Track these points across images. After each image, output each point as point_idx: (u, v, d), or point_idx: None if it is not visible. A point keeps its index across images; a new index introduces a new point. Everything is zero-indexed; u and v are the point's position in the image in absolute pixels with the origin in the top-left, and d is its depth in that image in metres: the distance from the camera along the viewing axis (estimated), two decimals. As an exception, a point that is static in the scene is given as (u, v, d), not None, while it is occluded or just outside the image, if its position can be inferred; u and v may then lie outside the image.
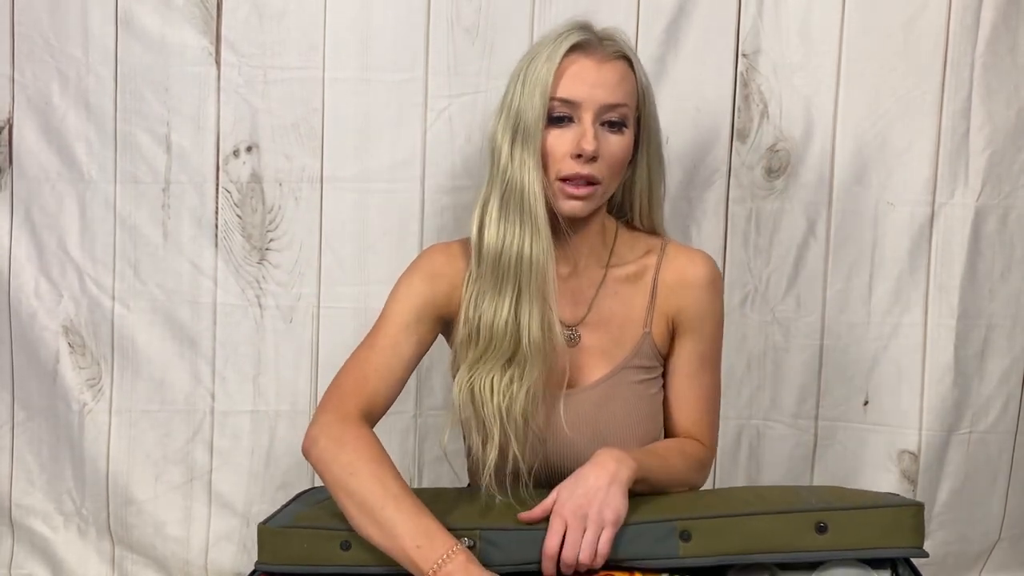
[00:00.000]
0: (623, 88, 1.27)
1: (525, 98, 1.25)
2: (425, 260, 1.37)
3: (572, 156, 1.25)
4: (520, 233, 1.25)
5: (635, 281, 1.36)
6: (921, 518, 1.18)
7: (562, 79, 1.25)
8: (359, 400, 1.28)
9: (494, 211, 1.27)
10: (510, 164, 1.26)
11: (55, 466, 1.82)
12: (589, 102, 1.25)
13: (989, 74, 1.72)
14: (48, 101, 1.74)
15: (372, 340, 1.33)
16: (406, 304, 1.33)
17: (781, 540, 1.15)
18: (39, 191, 1.76)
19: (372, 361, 1.31)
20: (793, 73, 1.74)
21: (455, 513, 1.22)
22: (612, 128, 1.27)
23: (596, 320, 1.35)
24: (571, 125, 1.26)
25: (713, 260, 1.37)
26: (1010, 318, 1.79)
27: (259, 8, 1.72)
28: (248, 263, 1.77)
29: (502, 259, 1.26)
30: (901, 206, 1.75)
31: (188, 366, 1.79)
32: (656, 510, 1.19)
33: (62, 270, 1.77)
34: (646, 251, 1.37)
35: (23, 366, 1.79)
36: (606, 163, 1.27)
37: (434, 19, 1.72)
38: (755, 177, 1.76)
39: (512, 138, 1.26)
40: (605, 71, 1.26)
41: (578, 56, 1.26)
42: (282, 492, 1.79)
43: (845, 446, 1.81)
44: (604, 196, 1.31)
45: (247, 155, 1.75)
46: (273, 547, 1.19)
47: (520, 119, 1.25)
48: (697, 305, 1.35)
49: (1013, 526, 1.84)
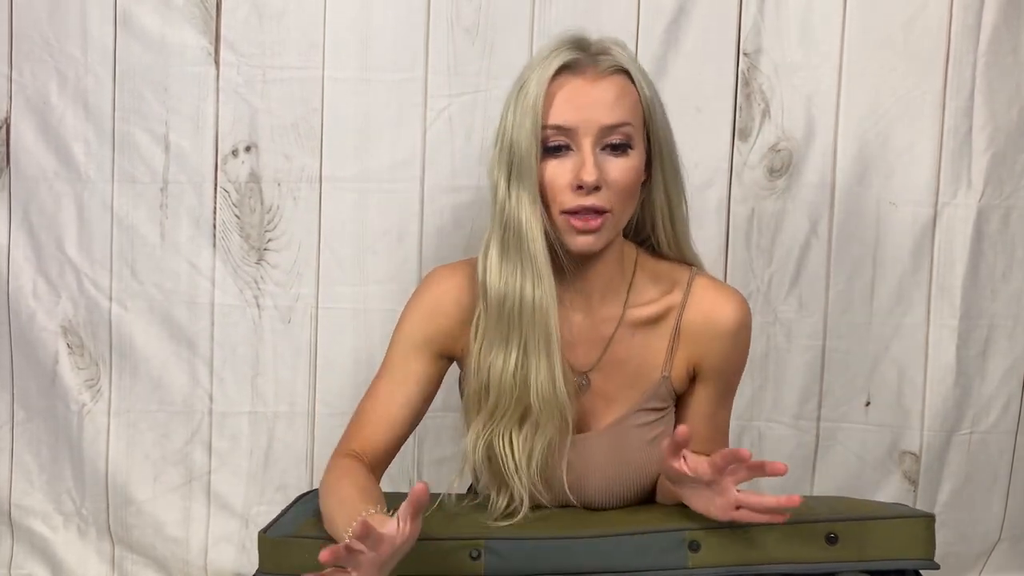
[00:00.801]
0: (623, 105, 1.17)
1: (517, 128, 1.16)
2: (427, 294, 1.30)
3: (573, 188, 1.15)
4: (520, 277, 1.17)
5: (656, 323, 1.26)
6: (932, 530, 1.18)
7: (553, 104, 1.15)
8: (359, 446, 1.28)
9: (494, 254, 1.19)
10: (507, 201, 1.17)
11: (54, 466, 1.81)
12: (585, 127, 1.15)
13: (991, 74, 1.72)
14: (46, 101, 1.73)
15: (375, 387, 1.30)
16: (407, 345, 1.28)
17: (791, 551, 1.15)
18: (37, 191, 1.75)
19: (374, 412, 1.28)
20: (794, 72, 1.73)
21: (458, 522, 1.21)
22: (616, 151, 1.17)
23: (610, 363, 1.26)
24: (569, 154, 1.16)
25: (744, 302, 1.27)
26: (1012, 318, 1.78)
27: (259, 8, 1.71)
28: (246, 263, 1.77)
29: (505, 306, 1.18)
30: (903, 206, 1.75)
31: (186, 367, 1.78)
32: (664, 520, 1.19)
33: (60, 270, 1.76)
34: (671, 286, 1.26)
35: (22, 367, 1.79)
36: (613, 191, 1.16)
37: (434, 19, 1.71)
38: (757, 177, 1.76)
39: (508, 173, 1.17)
40: (600, 90, 1.16)
41: (568, 77, 1.16)
42: (281, 493, 1.78)
43: (846, 447, 1.81)
44: (618, 226, 1.20)
45: (246, 155, 1.75)
46: (275, 557, 1.19)
47: (514, 152, 1.16)
48: (723, 354, 1.26)
49: (1013, 526, 1.84)
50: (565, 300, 1.24)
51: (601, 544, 1.16)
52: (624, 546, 1.15)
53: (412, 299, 1.31)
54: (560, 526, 1.21)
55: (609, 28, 1.67)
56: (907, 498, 1.78)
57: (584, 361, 1.26)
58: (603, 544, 1.16)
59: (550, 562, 1.16)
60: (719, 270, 1.75)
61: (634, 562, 1.15)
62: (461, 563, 1.16)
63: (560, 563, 1.16)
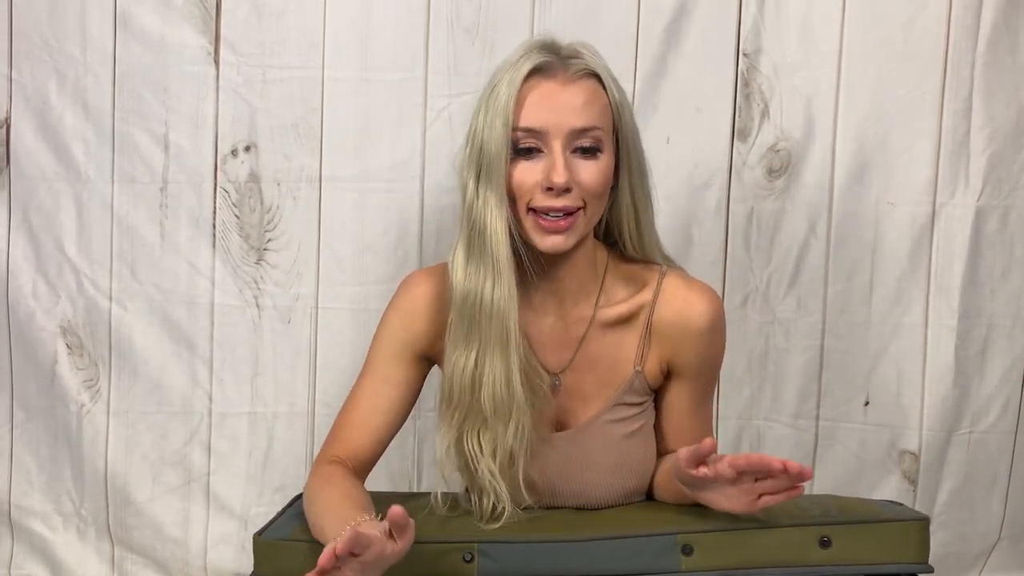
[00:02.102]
0: (593, 109, 1.17)
1: (487, 130, 1.16)
2: (403, 296, 1.30)
3: (543, 189, 1.16)
4: (482, 276, 1.17)
5: (628, 321, 1.26)
6: (927, 533, 1.17)
7: (524, 107, 1.16)
8: (341, 451, 1.28)
9: (461, 254, 1.20)
10: (475, 201, 1.17)
11: (54, 467, 1.81)
12: (556, 129, 1.15)
13: (990, 74, 1.72)
14: (46, 100, 1.73)
15: (356, 392, 1.30)
16: (385, 351, 1.29)
17: (785, 554, 1.15)
18: (36, 191, 1.75)
19: (357, 417, 1.29)
20: (794, 73, 1.74)
21: (451, 525, 1.21)
22: (586, 154, 1.17)
23: (583, 362, 1.27)
24: (540, 156, 1.17)
25: (715, 295, 1.28)
26: (1010, 318, 1.78)
27: (258, 7, 1.71)
28: (246, 263, 1.77)
29: (467, 305, 1.19)
30: (902, 206, 1.75)
31: (185, 367, 1.78)
32: (657, 523, 1.18)
33: (59, 270, 1.76)
34: (641, 286, 1.27)
35: (21, 367, 1.78)
36: (584, 192, 1.17)
37: (434, 19, 1.71)
38: (756, 177, 1.76)
39: (477, 173, 1.17)
40: (570, 93, 1.16)
41: (539, 80, 1.16)
42: (280, 494, 1.78)
43: (846, 446, 1.81)
44: (588, 226, 1.21)
45: (245, 155, 1.74)
46: (270, 560, 1.18)
47: (483, 153, 1.16)
48: (696, 351, 1.26)
49: (1013, 526, 1.84)
50: (535, 302, 1.25)
51: (594, 547, 1.16)
52: (617, 549, 1.15)
53: (390, 304, 1.32)
54: (553, 529, 1.20)
55: (609, 28, 1.70)
56: (906, 498, 1.78)
57: (556, 362, 1.27)
58: (596, 547, 1.16)
59: (544, 565, 1.16)
60: (719, 270, 1.75)
61: (627, 565, 1.15)
62: (454, 566, 1.16)
63: (553, 566, 1.16)
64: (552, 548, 1.17)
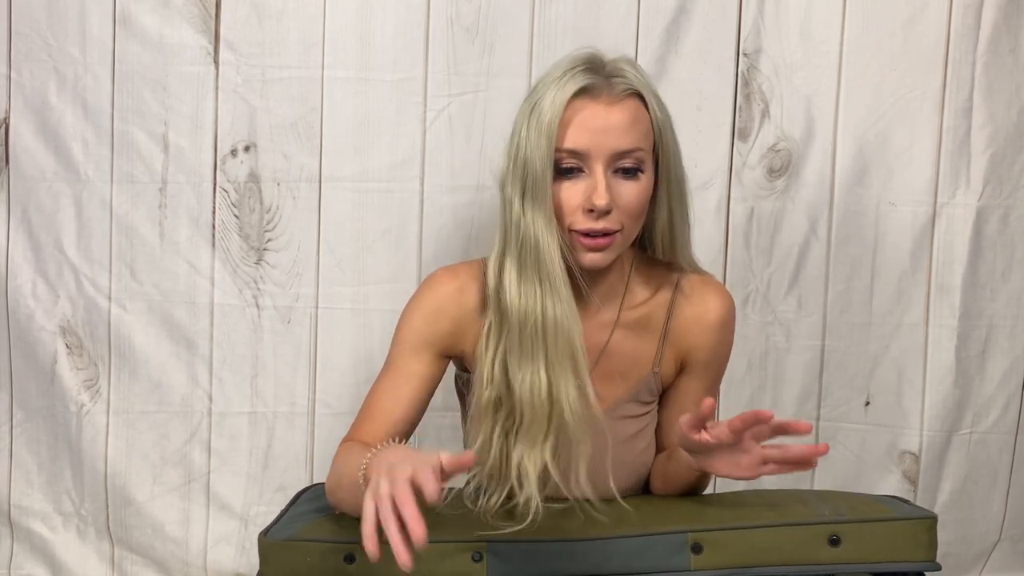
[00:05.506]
0: (636, 131, 1.18)
1: (531, 148, 1.17)
2: (428, 294, 1.31)
3: (584, 211, 1.18)
4: (541, 296, 1.19)
5: (647, 324, 1.29)
6: (935, 531, 1.18)
7: (568, 128, 1.16)
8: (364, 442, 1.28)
9: (512, 270, 1.20)
10: (523, 219, 1.18)
11: (54, 467, 1.81)
12: (598, 151, 1.17)
13: (990, 74, 1.72)
14: (45, 100, 1.73)
15: (378, 387, 1.30)
16: (409, 346, 1.29)
17: (794, 553, 1.15)
18: (36, 191, 1.75)
19: (378, 411, 1.29)
20: (794, 72, 1.73)
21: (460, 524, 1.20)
22: (627, 175, 1.18)
23: (605, 364, 1.29)
24: (581, 176, 1.18)
25: (728, 294, 1.32)
26: (1011, 318, 1.79)
27: (258, 7, 1.71)
28: (246, 263, 1.77)
29: (527, 324, 1.20)
30: (902, 206, 1.75)
31: (185, 367, 1.78)
32: (666, 521, 1.18)
33: (59, 270, 1.76)
34: (659, 287, 1.30)
35: (21, 367, 1.78)
36: (623, 213, 1.19)
37: (434, 18, 1.71)
38: (756, 177, 1.76)
39: (522, 192, 1.18)
40: (614, 115, 1.17)
41: (585, 101, 1.17)
42: (280, 494, 1.78)
43: (846, 447, 1.81)
44: (626, 244, 1.23)
45: (245, 155, 1.74)
46: (276, 560, 1.18)
47: (527, 171, 1.17)
48: (709, 346, 1.30)
49: (1013, 526, 1.84)
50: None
51: (603, 546, 1.16)
52: (626, 548, 1.15)
53: (413, 300, 1.32)
54: (562, 528, 1.20)
55: (609, 28, 1.69)
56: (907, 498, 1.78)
57: None
58: (605, 546, 1.16)
59: (552, 564, 1.16)
60: (718, 270, 1.75)
61: (636, 564, 1.15)
62: (463, 565, 1.15)
63: (562, 565, 1.16)
64: (561, 547, 1.17)
